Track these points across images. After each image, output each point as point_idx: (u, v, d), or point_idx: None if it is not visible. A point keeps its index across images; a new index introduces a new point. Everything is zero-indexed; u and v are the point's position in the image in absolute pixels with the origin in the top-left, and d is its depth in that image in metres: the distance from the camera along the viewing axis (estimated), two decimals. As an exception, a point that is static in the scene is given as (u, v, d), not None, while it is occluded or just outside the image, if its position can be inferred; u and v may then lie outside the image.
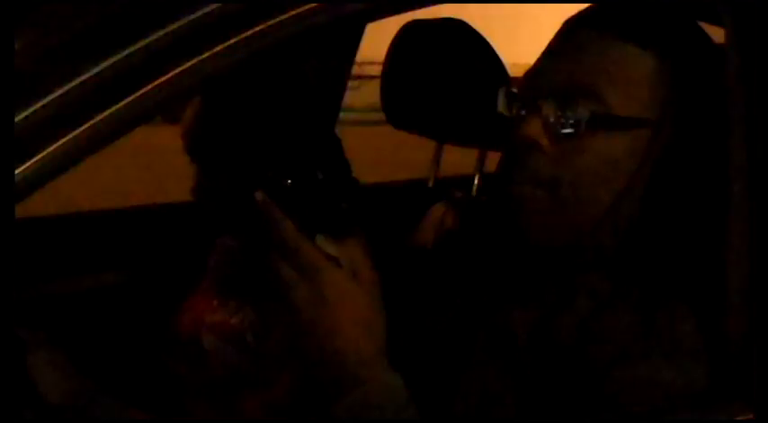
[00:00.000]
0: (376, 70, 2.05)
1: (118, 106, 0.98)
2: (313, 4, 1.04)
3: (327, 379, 1.08)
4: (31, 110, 0.96)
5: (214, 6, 1.01)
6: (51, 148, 0.97)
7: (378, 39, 2.11)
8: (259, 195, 1.07)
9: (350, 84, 2.38)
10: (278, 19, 1.03)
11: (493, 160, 2.11)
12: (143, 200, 2.45)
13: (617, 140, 1.19)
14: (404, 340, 1.22)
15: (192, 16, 1.01)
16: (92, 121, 0.98)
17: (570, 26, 1.25)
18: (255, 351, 1.59)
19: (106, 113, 0.98)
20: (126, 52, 0.99)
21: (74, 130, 0.97)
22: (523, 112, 1.22)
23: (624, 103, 1.19)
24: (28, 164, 0.96)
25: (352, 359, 1.07)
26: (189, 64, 1.00)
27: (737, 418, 1.18)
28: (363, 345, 1.08)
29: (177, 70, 1.00)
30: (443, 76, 1.93)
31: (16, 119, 0.96)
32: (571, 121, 1.18)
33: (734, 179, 1.17)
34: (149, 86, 0.99)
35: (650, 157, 1.19)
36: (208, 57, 1.01)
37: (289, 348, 1.55)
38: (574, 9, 1.29)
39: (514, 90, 1.26)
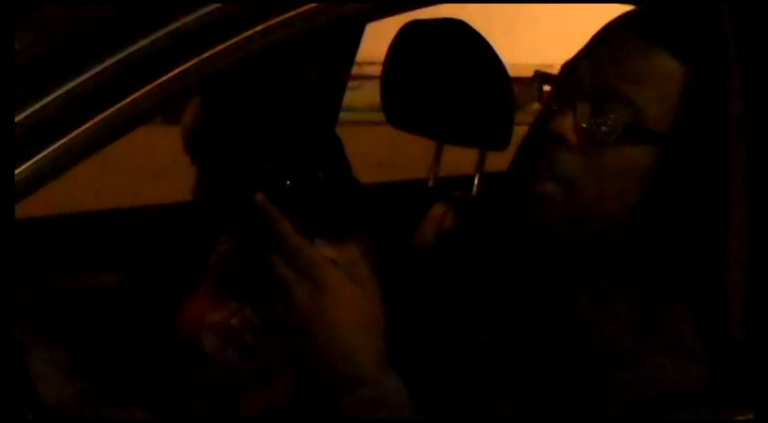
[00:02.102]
0: (376, 70, 2.05)
1: (118, 106, 0.98)
2: (313, 4, 1.04)
3: (326, 379, 1.08)
4: (31, 110, 0.96)
5: (214, 6, 1.01)
6: (51, 148, 0.97)
7: (378, 39, 2.11)
8: (258, 196, 1.07)
9: (350, 84, 2.37)
10: (278, 19, 1.03)
11: (493, 160, 2.12)
12: (143, 200, 2.44)
13: (644, 152, 1.18)
14: (404, 340, 1.23)
15: (192, 16, 1.01)
16: (92, 121, 0.98)
17: (613, 29, 1.24)
18: (255, 351, 1.59)
19: (106, 113, 0.98)
20: (126, 52, 0.99)
21: (74, 130, 0.97)
22: (555, 107, 1.22)
23: (660, 116, 1.18)
24: (28, 164, 0.96)
25: (350, 360, 1.07)
26: (189, 64, 1.00)
27: (737, 418, 1.18)
28: (362, 345, 1.08)
29: (177, 70, 1.00)
30: (443, 76, 1.93)
31: (16, 119, 0.96)
32: (604, 127, 1.18)
33: (733, 180, 1.17)
34: (149, 86, 0.99)
35: (669, 168, 1.19)
36: (208, 57, 1.01)
37: (287, 349, 1.55)
38: (575, 9, 1.28)
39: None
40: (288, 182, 1.08)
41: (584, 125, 1.18)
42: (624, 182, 1.19)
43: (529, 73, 1.28)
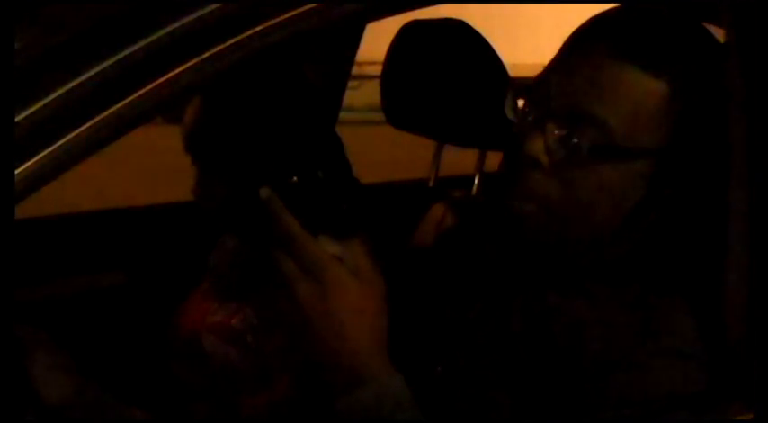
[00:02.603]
0: (376, 70, 2.05)
1: (118, 106, 0.98)
2: (313, 4, 1.04)
3: (329, 377, 1.08)
4: (31, 110, 0.96)
5: (214, 6, 1.01)
6: (51, 148, 0.97)
7: (378, 39, 2.11)
8: (265, 192, 1.07)
9: (350, 84, 2.38)
10: (278, 19, 1.03)
11: (493, 160, 2.12)
12: (143, 200, 2.45)
13: (618, 169, 1.17)
14: (404, 340, 1.23)
15: (192, 16, 1.01)
16: (92, 121, 0.98)
17: (581, 40, 1.22)
18: (255, 351, 1.59)
19: (106, 113, 0.98)
20: (126, 52, 0.99)
21: (74, 130, 0.97)
22: (530, 121, 1.21)
23: (630, 132, 1.16)
24: (28, 164, 0.96)
25: (354, 358, 1.07)
26: (189, 64, 1.00)
27: (737, 418, 1.18)
28: (365, 343, 1.08)
29: (177, 70, 1.00)
30: (443, 76, 1.93)
31: (16, 119, 0.96)
32: (572, 148, 1.16)
33: (734, 182, 1.16)
34: (149, 86, 0.99)
35: (654, 184, 1.17)
36: (208, 57, 1.01)
37: (289, 347, 1.55)
38: (574, 10, 1.28)
39: (521, 102, 1.24)
40: (295, 178, 1.08)
41: (553, 147, 1.17)
42: (605, 197, 1.17)
43: (529, 73, 1.27)
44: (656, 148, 1.17)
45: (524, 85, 1.26)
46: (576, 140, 1.16)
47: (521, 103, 1.25)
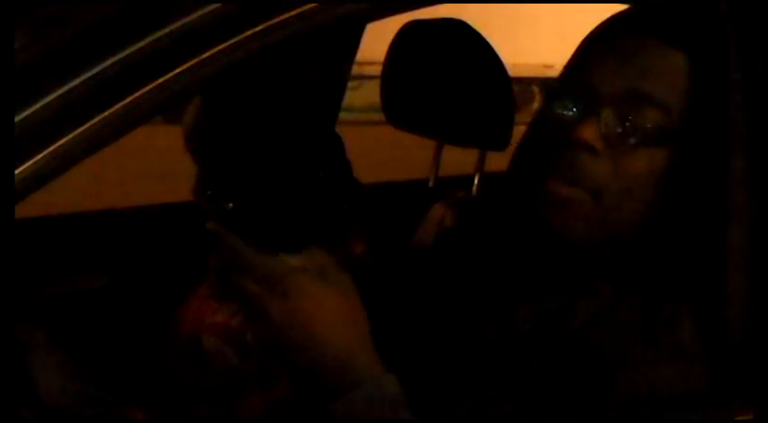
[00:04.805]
0: (376, 70, 2.05)
1: (118, 106, 0.98)
2: (313, 4, 1.04)
3: (320, 385, 1.07)
4: (31, 110, 0.96)
5: (214, 6, 1.01)
6: (51, 148, 0.97)
7: (378, 39, 2.11)
8: (210, 225, 1.07)
9: (350, 84, 2.37)
10: (278, 19, 1.03)
11: (493, 160, 2.12)
12: (143, 200, 2.45)
13: (663, 152, 1.18)
14: (404, 340, 1.22)
15: (192, 16, 1.01)
16: (92, 121, 0.98)
17: (617, 27, 1.23)
18: (255, 352, 1.59)
19: (106, 113, 0.98)
20: (126, 52, 0.99)
21: (74, 130, 0.97)
22: (573, 112, 1.21)
23: (681, 114, 1.17)
24: (28, 164, 0.96)
25: (338, 361, 1.06)
26: (189, 64, 1.00)
27: (737, 418, 1.18)
28: (348, 345, 1.07)
29: (177, 70, 1.00)
30: (443, 76, 1.93)
31: (16, 119, 0.96)
32: (632, 131, 1.16)
33: (734, 181, 1.16)
34: (149, 86, 0.99)
35: (679, 168, 1.18)
36: (208, 57, 1.01)
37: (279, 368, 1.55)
38: (574, 10, 1.28)
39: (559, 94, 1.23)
40: (230, 204, 1.08)
41: (611, 131, 1.17)
42: (647, 184, 1.17)
43: (529, 73, 1.27)
44: (684, 130, 1.18)
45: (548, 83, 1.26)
46: (636, 123, 1.16)
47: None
